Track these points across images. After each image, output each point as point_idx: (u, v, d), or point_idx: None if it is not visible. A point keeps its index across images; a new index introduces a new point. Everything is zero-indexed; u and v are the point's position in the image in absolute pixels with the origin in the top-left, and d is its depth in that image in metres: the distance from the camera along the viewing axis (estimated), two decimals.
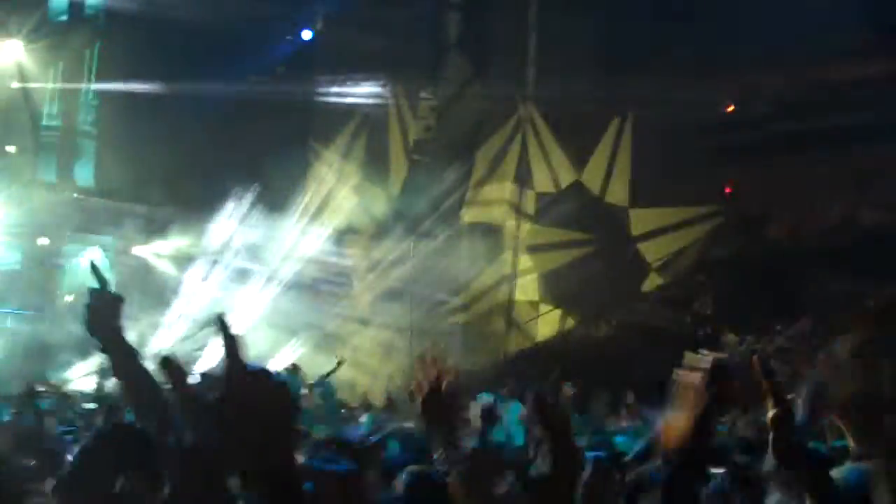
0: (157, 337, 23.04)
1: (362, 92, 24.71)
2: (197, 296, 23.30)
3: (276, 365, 21.03)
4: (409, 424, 8.70)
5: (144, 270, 24.53)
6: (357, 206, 25.11)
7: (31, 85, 23.88)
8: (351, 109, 25.23)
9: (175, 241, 24.53)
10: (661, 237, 22.86)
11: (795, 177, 20.21)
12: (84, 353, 22.30)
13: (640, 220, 23.21)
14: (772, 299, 19.55)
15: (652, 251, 23.01)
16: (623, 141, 23.50)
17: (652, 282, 22.99)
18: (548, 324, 23.93)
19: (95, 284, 3.05)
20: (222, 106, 23.25)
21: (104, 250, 24.98)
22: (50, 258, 24.17)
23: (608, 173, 23.59)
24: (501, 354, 23.58)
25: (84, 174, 25.33)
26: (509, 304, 24.04)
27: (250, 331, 22.33)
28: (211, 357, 22.42)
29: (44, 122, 24.97)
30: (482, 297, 24.40)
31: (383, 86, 25.13)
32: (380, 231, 24.72)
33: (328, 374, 16.46)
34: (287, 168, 23.66)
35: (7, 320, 23.30)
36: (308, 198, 24.73)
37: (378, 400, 20.24)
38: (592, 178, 23.73)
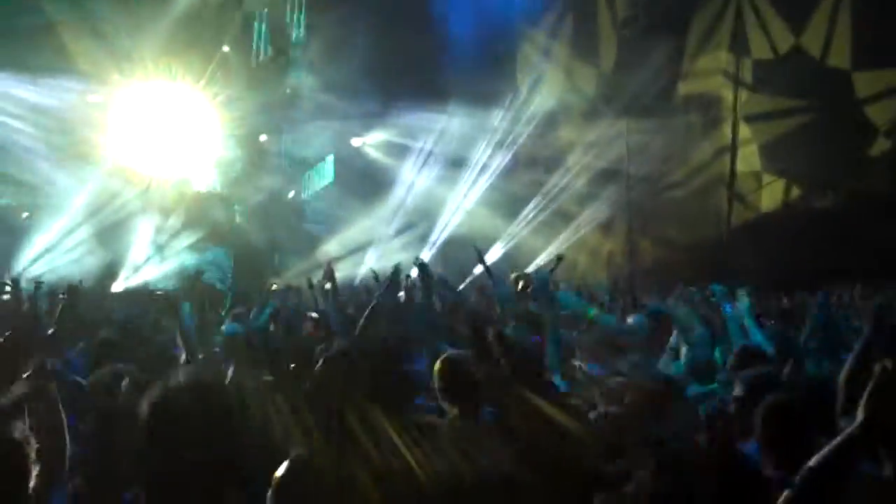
0: (378, 227, 23.51)
1: None
2: (414, 185, 23.64)
3: (497, 251, 21.30)
4: None
5: (362, 162, 25.02)
6: (568, 87, 24.77)
7: None
8: None
9: (388, 133, 24.84)
10: (889, 99, 21.77)
11: None
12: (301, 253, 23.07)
13: (865, 82, 22.05)
14: None
15: (879, 114, 21.92)
16: (843, 1, 22.37)
17: (880, 146, 21.95)
18: (771, 195, 23.23)
19: None
20: None
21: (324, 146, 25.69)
22: (270, 155, 24.83)
23: (829, 36, 22.48)
24: (723, 228, 23.08)
25: (295, 73, 25.73)
26: (731, 175, 23.32)
27: (468, 216, 22.59)
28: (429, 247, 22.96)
29: (255, 24, 25.41)
30: (700, 171, 23.83)
31: None
32: (592, 110, 24.34)
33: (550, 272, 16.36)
34: (496, 52, 23.52)
35: (236, 217, 24.17)
36: (518, 81, 24.57)
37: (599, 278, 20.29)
38: (812, 41, 22.61)
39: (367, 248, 22.80)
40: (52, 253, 20.44)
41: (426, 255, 22.13)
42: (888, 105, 21.69)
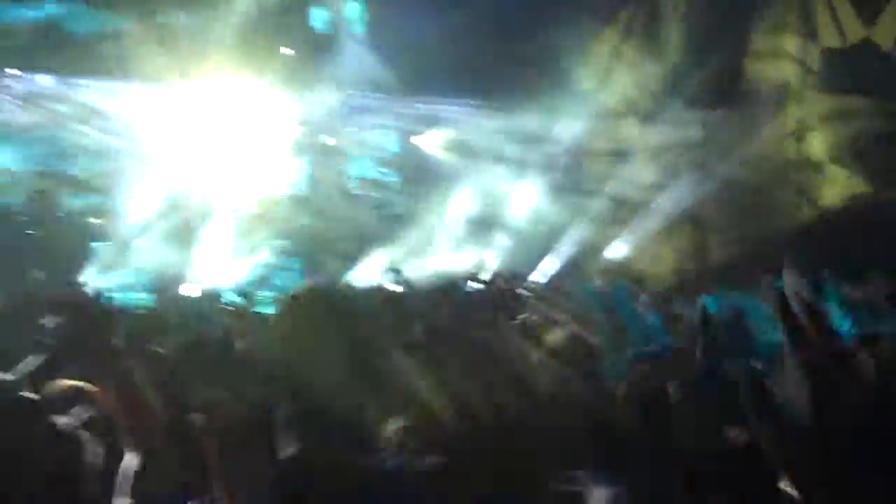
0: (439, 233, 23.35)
1: None
2: (476, 189, 23.48)
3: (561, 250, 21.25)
4: None
5: (424, 162, 24.94)
6: (633, 82, 24.28)
7: None
8: None
9: (451, 132, 24.74)
10: None
11: None
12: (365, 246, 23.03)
13: None
14: None
15: None
16: None
17: None
18: (834, 187, 22.73)
19: None
20: None
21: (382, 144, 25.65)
22: (334, 156, 24.92)
23: None
24: (787, 223, 22.52)
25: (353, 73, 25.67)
26: (795, 165, 22.55)
27: (533, 214, 22.48)
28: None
29: (315, 23, 25.46)
30: (765, 163, 23.27)
31: None
32: (657, 105, 23.84)
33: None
34: (560, 50, 23.18)
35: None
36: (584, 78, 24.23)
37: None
38: (884, 34, 22.08)
39: (432, 248, 22.71)
40: (122, 258, 20.69)
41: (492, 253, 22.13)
42: None
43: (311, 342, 2.65)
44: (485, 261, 21.52)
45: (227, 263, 21.13)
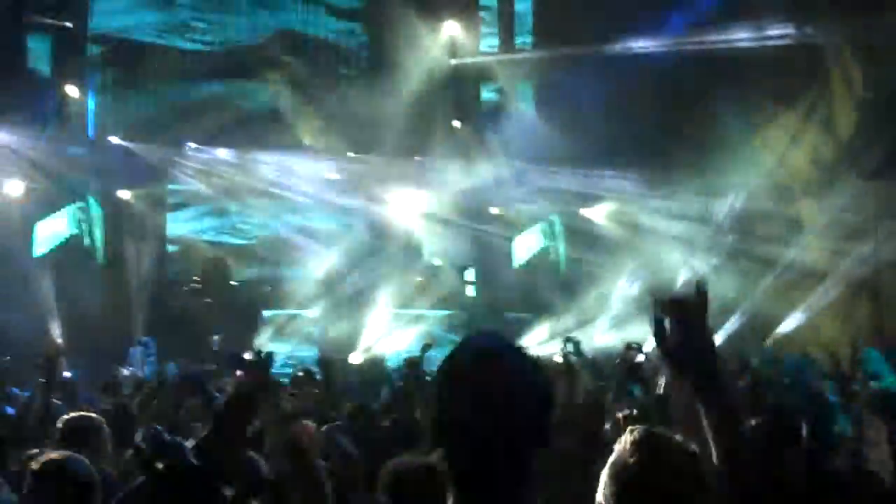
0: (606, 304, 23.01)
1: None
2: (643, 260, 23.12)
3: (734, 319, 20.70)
4: None
5: (591, 233, 24.74)
6: (805, 157, 23.63)
7: (469, 60, 24.71)
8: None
9: (618, 205, 24.53)
10: None
11: None
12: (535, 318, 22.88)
13: None
14: None
15: None
16: None
17: None
18: None
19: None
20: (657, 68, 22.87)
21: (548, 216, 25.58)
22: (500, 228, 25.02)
23: None
24: None
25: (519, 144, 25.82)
26: None
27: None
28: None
29: (483, 96, 25.82)
30: None
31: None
32: (832, 176, 23.12)
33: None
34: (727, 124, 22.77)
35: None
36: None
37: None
38: None
39: (599, 320, 22.43)
40: (293, 325, 21.14)
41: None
42: None
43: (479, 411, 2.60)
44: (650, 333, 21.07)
45: (394, 332, 21.34)
